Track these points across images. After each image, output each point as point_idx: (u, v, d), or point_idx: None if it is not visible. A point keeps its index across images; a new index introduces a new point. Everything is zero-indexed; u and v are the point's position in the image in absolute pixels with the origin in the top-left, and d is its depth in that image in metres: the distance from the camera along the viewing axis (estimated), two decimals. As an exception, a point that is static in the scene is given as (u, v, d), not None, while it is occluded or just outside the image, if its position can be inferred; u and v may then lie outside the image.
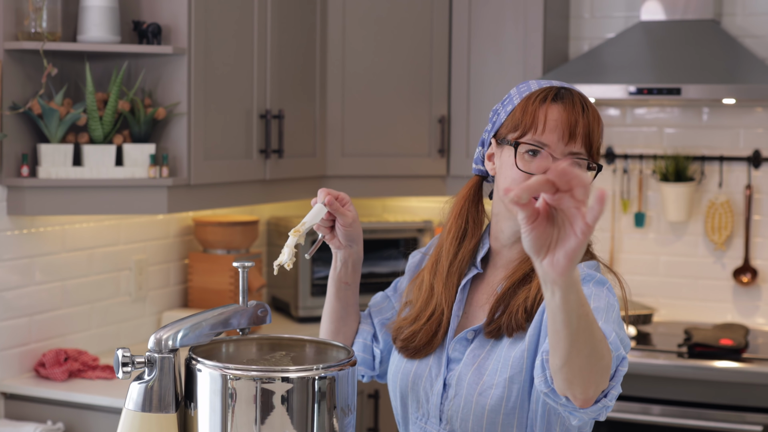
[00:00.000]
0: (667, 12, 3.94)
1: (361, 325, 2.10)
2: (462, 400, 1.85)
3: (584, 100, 1.86)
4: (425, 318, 1.95)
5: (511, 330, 1.83)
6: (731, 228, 4.06)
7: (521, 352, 1.81)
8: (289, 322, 4.12)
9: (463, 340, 1.90)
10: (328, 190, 1.92)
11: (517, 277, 1.88)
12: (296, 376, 1.67)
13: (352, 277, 2.02)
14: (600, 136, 1.86)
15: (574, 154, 1.82)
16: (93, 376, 3.24)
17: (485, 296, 1.94)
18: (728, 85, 3.66)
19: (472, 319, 1.95)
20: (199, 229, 3.87)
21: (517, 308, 1.83)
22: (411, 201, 4.55)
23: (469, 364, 1.87)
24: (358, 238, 1.97)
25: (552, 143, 1.82)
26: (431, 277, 1.98)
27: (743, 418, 3.46)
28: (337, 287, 2.03)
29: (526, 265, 1.89)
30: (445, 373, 1.90)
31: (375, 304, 2.12)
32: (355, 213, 1.96)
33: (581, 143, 1.83)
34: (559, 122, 1.82)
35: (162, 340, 1.74)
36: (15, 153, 3.13)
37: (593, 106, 1.87)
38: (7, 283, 3.17)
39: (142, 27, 3.22)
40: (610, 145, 4.24)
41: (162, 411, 1.73)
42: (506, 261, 1.94)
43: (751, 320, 4.09)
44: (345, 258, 1.99)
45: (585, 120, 1.83)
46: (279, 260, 1.85)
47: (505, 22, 3.99)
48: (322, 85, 3.91)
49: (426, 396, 1.92)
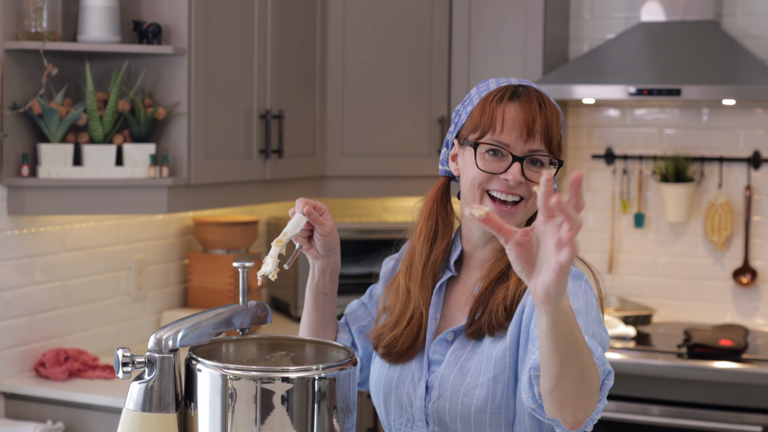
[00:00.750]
0: (667, 13, 3.95)
1: (338, 333, 2.09)
2: (447, 401, 1.85)
3: (542, 97, 1.86)
4: (405, 322, 1.94)
5: (492, 329, 1.83)
6: (731, 229, 4.06)
7: (503, 350, 1.81)
8: (289, 322, 4.12)
9: (443, 341, 1.90)
10: (306, 200, 1.93)
11: (493, 276, 1.88)
12: (296, 377, 1.68)
13: (329, 287, 2.02)
14: (559, 131, 1.87)
15: (533, 151, 1.84)
16: (93, 376, 3.25)
17: (463, 298, 1.94)
18: (728, 86, 3.66)
19: (450, 320, 1.94)
20: (199, 229, 3.87)
21: (496, 307, 1.83)
22: (411, 201, 4.54)
23: (451, 366, 1.87)
24: (336, 248, 1.98)
25: (511, 142, 1.83)
26: (406, 280, 1.98)
27: (742, 419, 3.46)
28: (315, 297, 2.03)
29: (501, 263, 1.89)
30: (426, 375, 1.89)
31: (351, 312, 2.12)
32: (333, 222, 1.96)
33: (540, 140, 1.84)
34: (517, 121, 1.83)
35: (162, 340, 1.74)
36: (15, 153, 3.13)
37: (551, 102, 1.88)
38: (7, 283, 3.17)
39: (142, 27, 3.22)
40: (609, 145, 4.24)
41: (162, 411, 1.73)
42: (480, 261, 1.94)
43: (750, 321, 4.09)
44: (323, 268, 1.99)
45: (543, 117, 1.84)
46: (263, 270, 1.85)
47: (505, 22, 3.99)
48: (322, 85, 3.91)
49: (409, 400, 1.91)
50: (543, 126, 1.84)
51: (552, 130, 1.84)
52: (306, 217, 1.92)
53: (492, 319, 1.83)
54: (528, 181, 1.84)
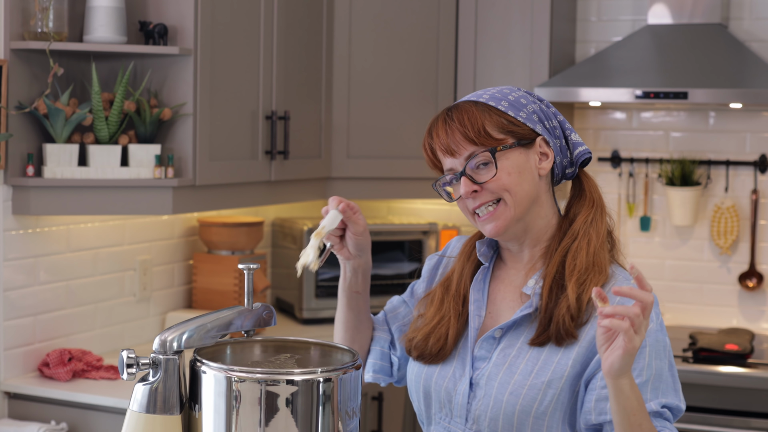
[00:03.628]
0: (674, 16, 3.94)
1: (377, 332, 2.10)
2: (491, 400, 1.85)
3: (449, 115, 1.92)
4: (434, 324, 1.95)
5: (560, 339, 1.83)
6: (737, 232, 4.05)
7: (567, 359, 1.82)
8: (294, 324, 4.11)
9: (490, 338, 1.90)
10: (340, 198, 1.93)
11: (549, 283, 1.87)
12: (301, 379, 1.67)
13: (362, 286, 2.02)
14: (476, 121, 1.89)
15: (468, 158, 1.88)
16: (97, 377, 3.24)
17: (509, 295, 1.95)
18: (735, 90, 3.65)
19: (496, 317, 1.94)
20: (204, 230, 3.87)
21: (562, 318, 1.83)
22: (416, 203, 4.55)
23: (499, 364, 1.86)
24: (367, 247, 1.98)
25: (451, 165, 1.91)
26: (443, 291, 1.99)
27: (748, 424, 3.45)
28: (348, 297, 2.03)
29: (552, 267, 1.88)
30: (470, 372, 1.89)
31: (391, 309, 2.12)
32: (365, 222, 1.97)
33: (464, 146, 1.88)
34: (440, 149, 1.92)
35: (167, 341, 1.74)
36: (20, 152, 3.13)
37: (460, 108, 1.92)
38: (11, 283, 3.17)
39: (148, 27, 3.22)
40: (616, 148, 4.23)
41: (166, 413, 1.73)
42: (524, 262, 1.95)
43: (756, 325, 4.08)
44: (355, 268, 1.99)
45: (450, 132, 1.90)
46: (304, 261, 1.85)
47: (512, 24, 3.98)
48: (327, 87, 3.91)
49: (448, 396, 1.91)
50: (456, 136, 1.89)
51: (467, 132, 1.88)
52: (341, 215, 1.91)
53: (560, 330, 1.83)
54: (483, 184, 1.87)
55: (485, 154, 1.87)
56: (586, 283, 1.84)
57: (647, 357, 1.80)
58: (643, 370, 1.79)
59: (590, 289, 1.83)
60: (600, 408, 1.78)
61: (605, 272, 1.86)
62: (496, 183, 1.86)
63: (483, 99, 1.92)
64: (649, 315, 1.63)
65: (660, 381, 1.81)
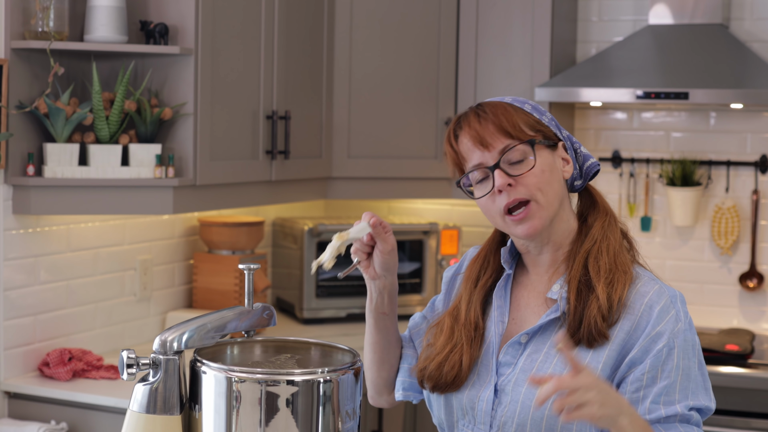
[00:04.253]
0: (675, 16, 3.93)
1: (405, 349, 2.06)
2: (518, 405, 1.83)
3: (480, 109, 1.90)
4: (446, 352, 1.92)
5: (592, 341, 1.81)
6: (738, 233, 4.05)
7: (597, 363, 1.81)
8: (294, 324, 4.11)
9: (516, 344, 1.88)
10: (373, 214, 1.90)
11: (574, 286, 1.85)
12: (301, 380, 1.67)
13: (389, 307, 1.98)
14: (512, 115, 1.87)
15: (502, 151, 1.85)
16: (97, 376, 3.24)
17: (533, 300, 1.93)
18: (736, 90, 3.65)
19: (521, 323, 1.92)
20: (205, 230, 3.86)
21: (594, 320, 1.81)
22: (417, 203, 4.55)
23: (527, 370, 1.85)
24: (394, 268, 1.94)
25: (480, 160, 1.87)
26: (452, 321, 1.96)
27: (748, 424, 3.45)
28: (375, 318, 1.99)
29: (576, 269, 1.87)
30: (495, 378, 1.87)
31: (414, 326, 2.09)
32: (395, 242, 1.93)
33: (500, 139, 1.86)
34: (469, 144, 1.88)
35: (167, 341, 1.74)
36: (21, 152, 3.12)
37: (493, 104, 1.90)
38: (12, 283, 3.17)
39: (149, 27, 3.22)
40: (616, 148, 4.23)
41: (166, 413, 1.73)
42: (546, 266, 1.93)
43: (757, 326, 4.08)
44: (380, 288, 1.95)
45: (484, 123, 1.87)
46: (320, 259, 1.84)
47: (513, 24, 3.98)
48: (328, 87, 3.90)
49: (471, 403, 1.88)
50: (491, 128, 1.86)
51: (502, 124, 1.86)
52: (370, 228, 1.88)
53: (593, 331, 1.81)
54: (518, 178, 1.84)
55: (521, 147, 1.85)
56: (613, 283, 1.84)
57: (676, 358, 1.80)
58: (671, 371, 1.79)
59: (618, 288, 1.83)
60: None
61: (630, 272, 1.86)
62: (531, 177, 1.84)
63: (507, 100, 1.92)
64: (587, 395, 1.64)
65: (689, 381, 1.81)
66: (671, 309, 1.83)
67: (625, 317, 1.82)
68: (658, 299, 1.83)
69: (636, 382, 1.79)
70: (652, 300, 1.82)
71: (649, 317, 1.81)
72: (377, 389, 2.09)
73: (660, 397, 1.79)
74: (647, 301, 1.82)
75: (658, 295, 1.84)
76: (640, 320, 1.82)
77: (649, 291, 1.84)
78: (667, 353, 1.79)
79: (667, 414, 1.78)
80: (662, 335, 1.80)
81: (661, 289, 1.85)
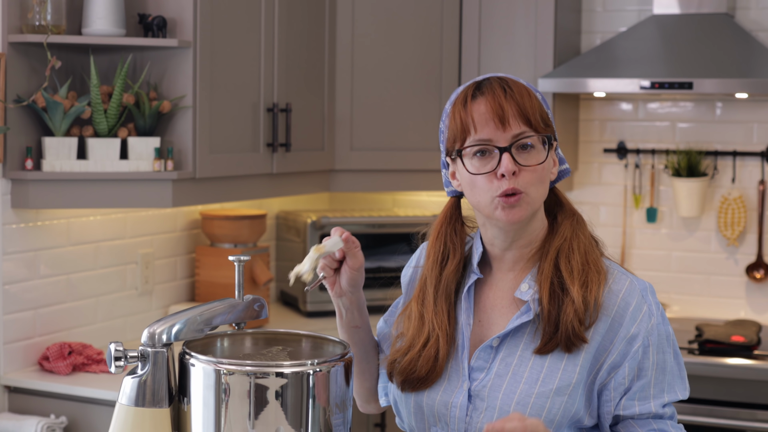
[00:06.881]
0: (681, 5, 3.90)
1: (380, 355, 2.03)
2: (496, 411, 1.79)
3: (505, 83, 1.82)
4: (419, 345, 1.86)
5: (570, 346, 1.78)
6: (744, 224, 4.02)
7: (574, 366, 1.78)
8: (298, 317, 4.10)
9: (488, 348, 1.83)
10: (343, 229, 1.86)
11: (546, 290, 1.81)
12: (290, 372, 1.65)
13: (360, 320, 1.94)
14: (537, 106, 1.81)
15: (517, 136, 1.78)
16: (97, 370, 3.23)
17: (500, 301, 1.88)
18: (741, 80, 3.62)
19: (489, 325, 1.87)
20: (207, 223, 3.85)
21: (570, 324, 1.77)
22: (421, 195, 4.52)
23: (502, 374, 1.81)
24: (360, 284, 1.90)
25: (491, 136, 1.79)
26: (419, 306, 1.90)
27: (754, 416, 3.42)
28: (349, 333, 1.96)
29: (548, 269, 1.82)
30: (468, 383, 1.83)
31: (379, 333, 2.05)
32: (363, 259, 1.88)
33: (519, 123, 1.79)
34: (486, 114, 1.79)
35: (155, 334, 1.72)
36: (19, 146, 3.11)
37: (518, 83, 1.83)
38: (12, 277, 3.16)
39: (147, 20, 3.20)
40: (622, 139, 4.20)
41: (155, 406, 1.71)
42: (511, 263, 1.88)
43: (763, 317, 4.05)
44: (348, 305, 1.92)
45: (511, 101, 1.79)
46: (298, 269, 1.81)
47: (516, 15, 3.95)
48: (330, 78, 3.88)
49: (444, 409, 1.84)
50: (515, 109, 1.79)
51: (526, 108, 1.79)
52: (342, 243, 1.85)
53: (570, 336, 1.77)
54: (523, 168, 1.78)
55: (537, 139, 1.80)
56: (587, 283, 1.80)
57: (651, 355, 1.80)
58: (648, 369, 1.79)
59: (593, 289, 1.79)
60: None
61: (603, 271, 1.83)
62: (533, 171, 1.79)
63: (523, 82, 1.85)
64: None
65: (664, 374, 1.81)
66: (643, 305, 1.81)
67: (600, 318, 1.80)
68: (631, 297, 1.80)
69: (619, 388, 1.80)
70: (626, 299, 1.80)
71: (622, 318, 1.80)
72: (363, 398, 2.07)
73: (636, 394, 1.79)
74: (620, 300, 1.80)
75: (629, 292, 1.81)
76: (613, 321, 1.80)
77: (621, 288, 1.82)
78: (642, 352, 1.79)
79: (641, 411, 1.79)
80: (637, 336, 1.79)
81: (632, 285, 1.82)
